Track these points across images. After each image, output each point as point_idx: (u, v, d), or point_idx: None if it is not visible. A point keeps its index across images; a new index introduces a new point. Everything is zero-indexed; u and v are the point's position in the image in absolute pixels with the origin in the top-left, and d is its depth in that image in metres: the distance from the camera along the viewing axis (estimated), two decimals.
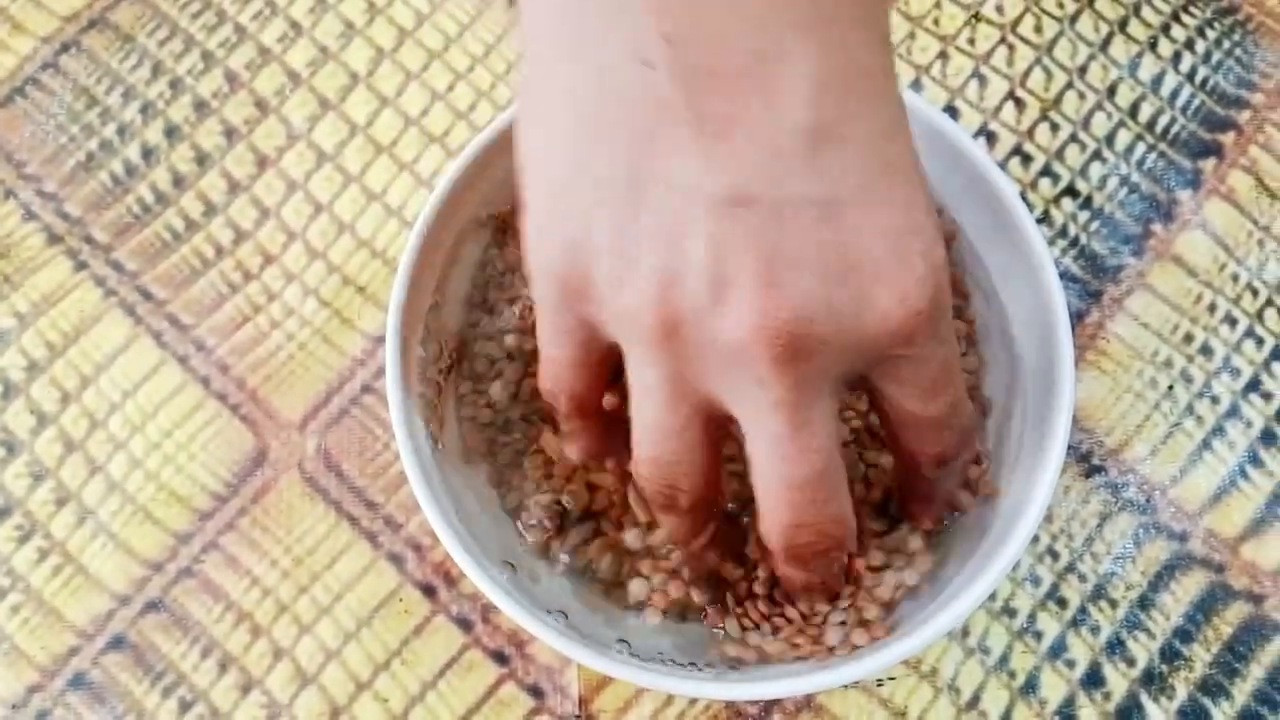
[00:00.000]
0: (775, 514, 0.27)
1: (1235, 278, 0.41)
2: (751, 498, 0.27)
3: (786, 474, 0.26)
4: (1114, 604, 0.37)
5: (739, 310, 0.22)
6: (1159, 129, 0.42)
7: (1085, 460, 0.39)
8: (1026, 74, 0.43)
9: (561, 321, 0.26)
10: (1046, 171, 0.42)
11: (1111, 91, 0.43)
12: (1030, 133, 0.42)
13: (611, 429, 0.30)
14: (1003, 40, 0.44)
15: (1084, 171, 0.42)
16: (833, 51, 0.21)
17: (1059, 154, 0.42)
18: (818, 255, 0.22)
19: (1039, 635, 0.37)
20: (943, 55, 0.43)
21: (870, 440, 0.34)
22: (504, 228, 0.37)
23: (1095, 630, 0.37)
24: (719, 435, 0.27)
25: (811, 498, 0.26)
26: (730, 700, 0.36)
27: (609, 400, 0.29)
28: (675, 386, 0.25)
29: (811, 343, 0.23)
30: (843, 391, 0.27)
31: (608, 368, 0.28)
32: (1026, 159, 0.42)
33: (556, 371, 0.28)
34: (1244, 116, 0.43)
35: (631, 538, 0.33)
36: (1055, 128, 0.42)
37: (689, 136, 0.22)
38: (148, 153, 0.42)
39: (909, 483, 0.32)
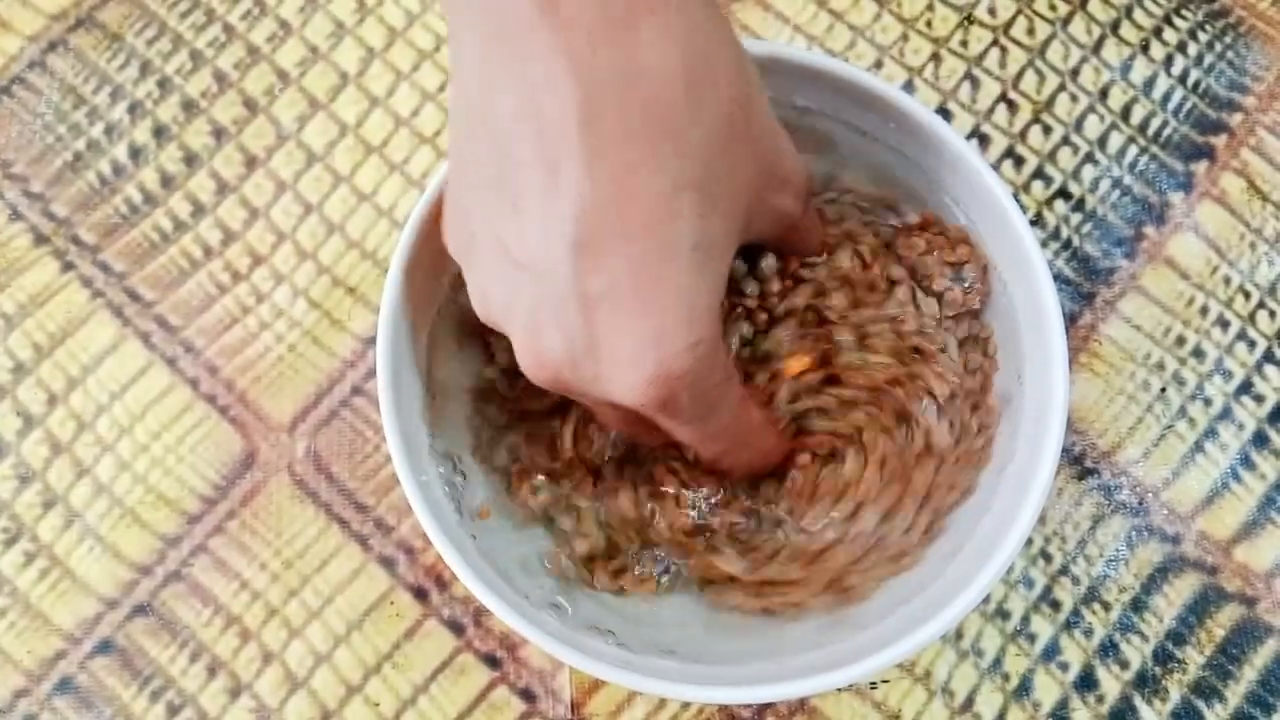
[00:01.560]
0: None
1: (1227, 280, 0.41)
2: None
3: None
4: (1107, 606, 0.37)
5: (516, 340, 0.28)
6: (1151, 131, 0.42)
7: (1078, 463, 0.39)
8: (1019, 76, 0.43)
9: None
10: (1039, 174, 0.42)
11: (1104, 94, 0.43)
12: (1023, 135, 0.42)
13: None
14: (995, 42, 0.43)
15: (1076, 174, 0.42)
16: (604, 178, 0.25)
17: (1051, 156, 0.42)
18: (569, 330, 0.26)
19: (1032, 638, 0.37)
20: (935, 57, 0.43)
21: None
22: None
23: (1088, 633, 0.37)
24: None
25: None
26: (723, 704, 0.36)
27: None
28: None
29: (559, 386, 0.28)
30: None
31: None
32: (1019, 161, 0.42)
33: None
34: (1235, 119, 0.43)
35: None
36: (1048, 130, 0.42)
37: (497, 200, 0.26)
38: (136, 153, 0.42)
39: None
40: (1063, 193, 0.42)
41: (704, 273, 0.27)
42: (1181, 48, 0.43)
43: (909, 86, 0.43)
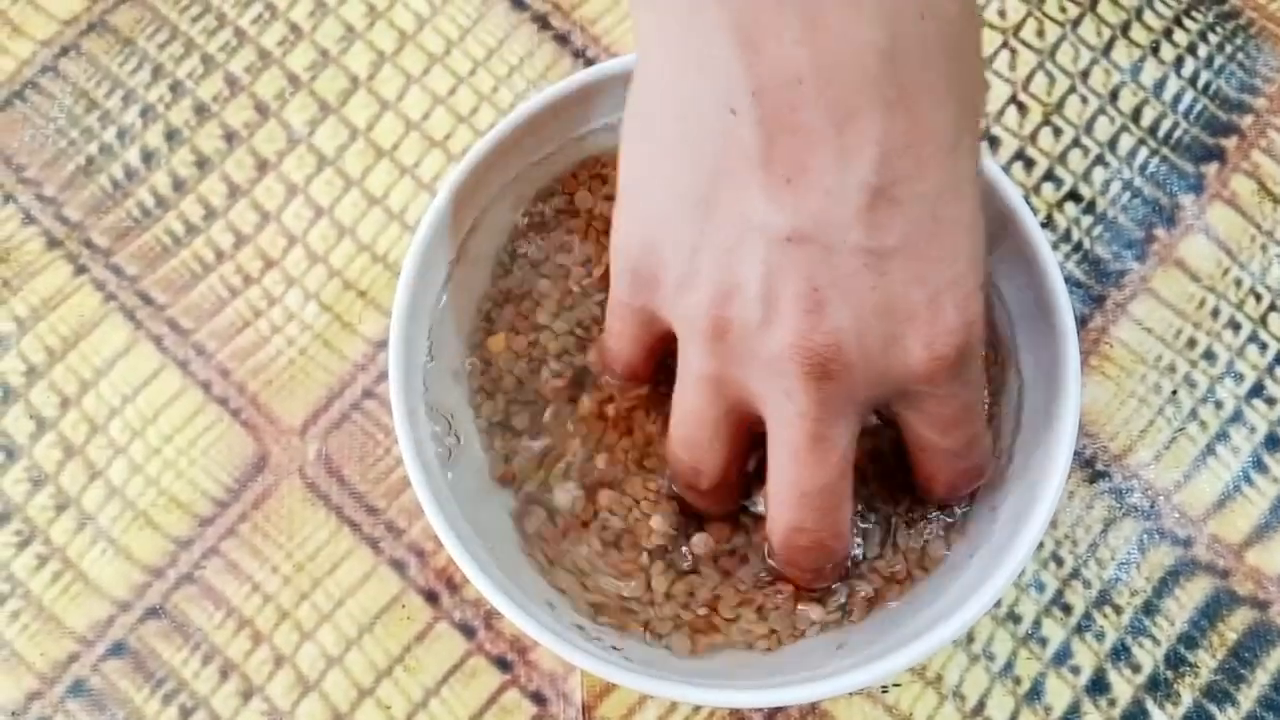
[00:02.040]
0: (781, 514, 0.30)
1: (1238, 282, 0.41)
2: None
3: (798, 480, 0.28)
4: (1119, 610, 0.37)
5: (781, 328, 0.26)
6: (1161, 133, 0.42)
7: (1089, 466, 0.39)
8: (1029, 78, 0.43)
9: (629, 302, 0.30)
10: (1049, 176, 0.42)
11: (1114, 96, 0.43)
12: (1033, 137, 0.42)
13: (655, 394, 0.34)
14: (1005, 44, 0.43)
15: (1087, 176, 0.42)
16: (902, 120, 0.24)
17: (1062, 158, 0.42)
18: (858, 294, 0.25)
19: (1044, 641, 0.37)
20: None
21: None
22: (523, 233, 0.37)
23: (1100, 636, 0.37)
24: (748, 435, 0.30)
25: (817, 505, 0.29)
26: (735, 707, 0.36)
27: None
28: (717, 381, 0.28)
29: (838, 367, 0.25)
30: (867, 417, 0.29)
31: (662, 346, 0.31)
32: (1029, 163, 0.42)
33: (617, 341, 0.32)
34: (1246, 121, 0.42)
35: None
36: (1058, 132, 0.42)
37: (759, 177, 0.24)
38: (148, 156, 0.42)
39: (923, 490, 0.34)
40: (1073, 195, 0.42)
41: (978, 203, 0.26)
42: (1192, 49, 0.43)
43: None
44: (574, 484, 0.34)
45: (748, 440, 0.30)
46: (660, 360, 0.33)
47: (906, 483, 0.34)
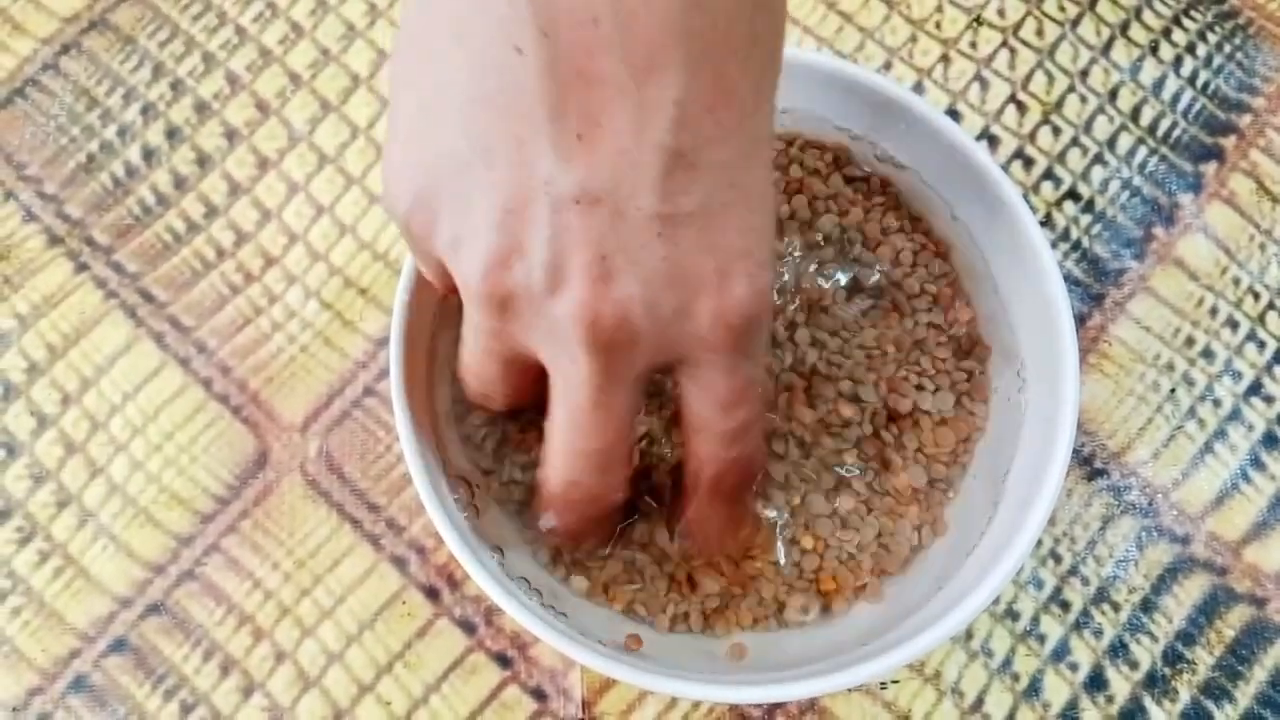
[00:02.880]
0: (557, 469, 0.30)
1: (1237, 281, 0.41)
2: None
3: (577, 440, 0.28)
4: (1116, 607, 0.37)
5: (566, 296, 0.24)
6: (1160, 133, 0.42)
7: (1087, 463, 0.39)
8: (1028, 77, 0.43)
9: (417, 249, 0.27)
10: (1048, 175, 0.42)
11: (1113, 95, 0.43)
12: (1032, 136, 0.42)
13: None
14: (1004, 44, 0.44)
15: (1085, 175, 0.42)
16: (705, 78, 0.22)
17: (1060, 157, 0.42)
18: (648, 264, 0.24)
19: (1042, 638, 0.37)
20: (944, 59, 0.43)
21: None
22: None
23: (1098, 633, 0.37)
24: (537, 371, 0.28)
25: (595, 465, 0.29)
26: (734, 703, 0.36)
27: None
28: (499, 336, 0.27)
29: (624, 337, 0.25)
30: (648, 378, 0.28)
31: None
32: (1028, 162, 0.42)
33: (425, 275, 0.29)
34: (1245, 120, 0.43)
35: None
36: (1057, 131, 0.42)
37: (547, 130, 0.22)
38: (148, 154, 0.42)
39: (685, 499, 0.32)
40: (1072, 194, 0.42)
41: (770, 171, 0.25)
42: (1190, 49, 0.43)
43: (918, 88, 0.43)
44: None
45: (539, 373, 0.29)
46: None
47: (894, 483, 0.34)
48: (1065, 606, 0.37)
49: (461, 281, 0.26)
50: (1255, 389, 0.40)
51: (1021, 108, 0.43)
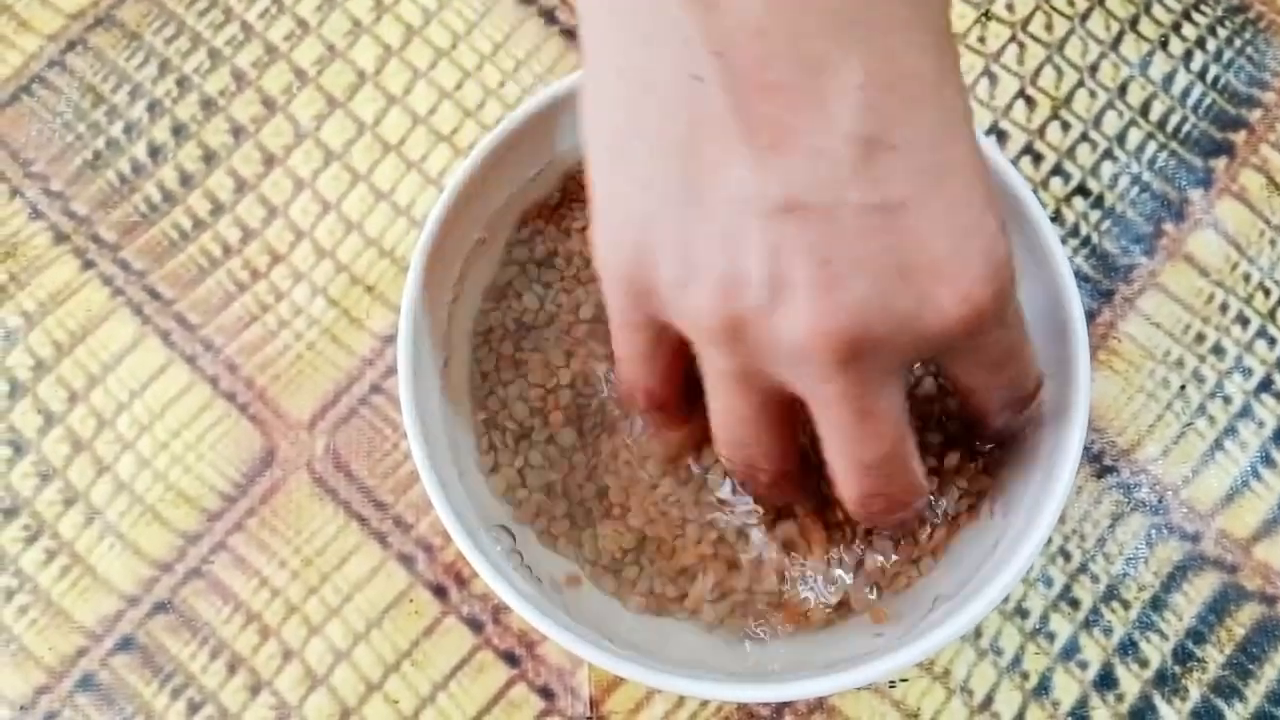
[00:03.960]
0: (849, 487, 0.28)
1: (1247, 277, 0.40)
2: None
3: (856, 456, 0.27)
4: (1126, 605, 0.37)
5: (796, 314, 0.23)
6: (1170, 128, 0.42)
7: (1097, 461, 0.39)
8: (1037, 72, 0.43)
9: (630, 320, 0.27)
10: (1057, 170, 0.42)
11: (1122, 90, 0.43)
12: (1041, 131, 0.42)
13: (694, 416, 0.31)
14: (1013, 38, 0.43)
15: (1095, 170, 0.42)
16: (879, 59, 0.22)
17: (1070, 153, 0.42)
18: (874, 258, 0.23)
19: (1051, 636, 0.37)
20: None
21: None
22: (525, 221, 0.37)
23: (1108, 631, 0.37)
24: (793, 414, 0.28)
25: (883, 473, 0.27)
26: (742, 702, 0.36)
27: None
28: (745, 377, 0.26)
29: (868, 344, 0.23)
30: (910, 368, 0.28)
31: (681, 360, 0.28)
32: (1037, 158, 0.42)
33: (630, 369, 0.29)
34: (1255, 115, 0.42)
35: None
36: (1066, 126, 0.42)
37: (740, 146, 0.22)
38: (155, 151, 0.42)
39: (977, 427, 0.33)
40: (1081, 189, 0.41)
41: (976, 142, 0.24)
42: (1200, 43, 0.43)
43: None
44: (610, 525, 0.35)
45: (796, 418, 0.28)
46: (685, 379, 0.29)
47: None
48: (1075, 604, 0.37)
49: (692, 325, 0.25)
50: (1266, 385, 0.39)
51: (1030, 103, 0.43)
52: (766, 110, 0.22)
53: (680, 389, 0.30)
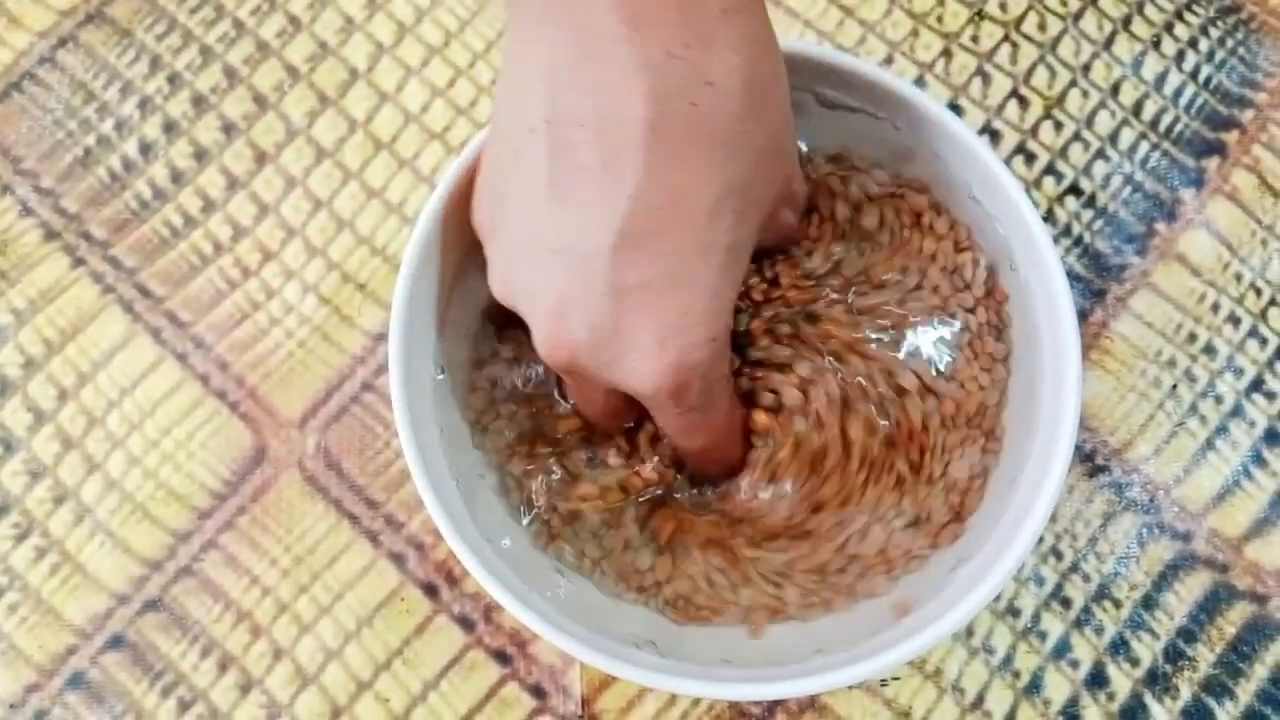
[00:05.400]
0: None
1: (1239, 277, 0.40)
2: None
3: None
4: (1118, 604, 0.37)
5: (537, 329, 0.29)
6: (1162, 127, 0.42)
7: (1089, 460, 0.39)
8: (1030, 72, 0.43)
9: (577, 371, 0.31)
10: (1050, 170, 0.42)
11: (1115, 90, 0.43)
12: (1034, 131, 0.42)
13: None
14: (1006, 38, 0.43)
15: (1087, 170, 0.42)
16: (658, 183, 0.27)
17: (1062, 152, 0.42)
18: (595, 317, 0.28)
19: (1043, 635, 0.37)
20: (946, 53, 0.43)
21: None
22: None
23: (1099, 630, 0.37)
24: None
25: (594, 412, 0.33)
26: (734, 700, 0.36)
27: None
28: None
29: (576, 370, 0.29)
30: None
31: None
32: (1030, 157, 0.42)
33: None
34: (1247, 115, 0.42)
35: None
36: (1059, 126, 0.42)
37: (544, 194, 0.27)
38: (146, 148, 0.42)
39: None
40: (1074, 189, 0.41)
41: (730, 272, 0.29)
42: (1193, 44, 0.43)
43: (920, 82, 0.43)
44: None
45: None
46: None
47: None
48: (1066, 604, 0.37)
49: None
50: (1257, 385, 0.39)
51: (1023, 102, 0.43)
52: (567, 176, 0.27)
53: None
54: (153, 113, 0.43)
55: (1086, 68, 0.43)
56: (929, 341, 0.35)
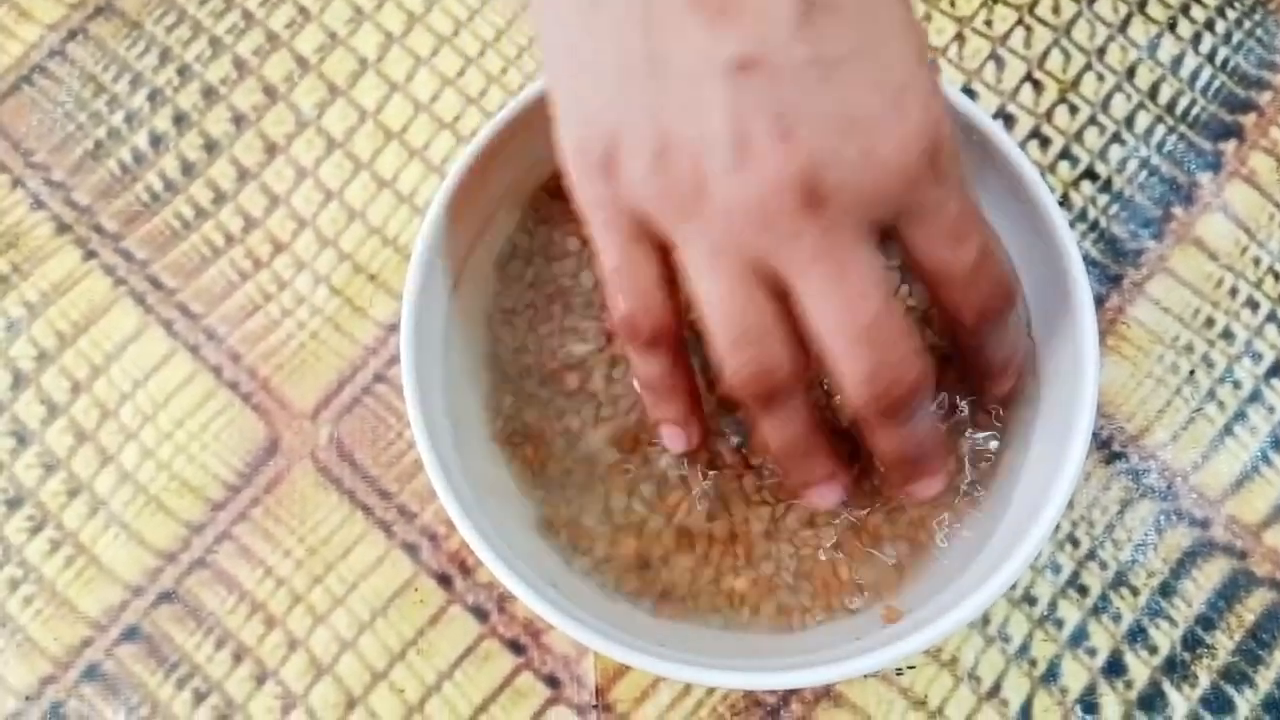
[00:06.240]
0: (850, 366, 0.27)
1: (1257, 261, 0.40)
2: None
3: (846, 322, 0.26)
4: (1135, 591, 0.37)
5: (759, 167, 0.25)
6: (1179, 111, 0.42)
7: (1106, 446, 0.38)
8: (1044, 55, 0.43)
9: (612, 221, 0.28)
10: (1065, 154, 0.41)
11: (1131, 73, 0.42)
12: (1049, 115, 0.42)
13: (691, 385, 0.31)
14: (1020, 21, 0.43)
15: (1103, 154, 0.41)
16: None
17: (1078, 136, 0.42)
18: (820, 112, 0.24)
19: (1060, 623, 0.37)
20: (959, 37, 0.43)
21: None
22: (529, 208, 0.36)
23: (1116, 618, 0.37)
24: (788, 306, 0.27)
25: (878, 339, 0.26)
26: (749, 689, 0.35)
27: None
28: (728, 258, 0.26)
29: (828, 189, 0.25)
30: (881, 248, 0.27)
31: (673, 272, 0.28)
32: (1045, 142, 0.42)
33: (621, 278, 0.28)
34: (1265, 98, 0.42)
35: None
36: (1074, 110, 0.42)
37: (692, 17, 0.24)
38: (156, 140, 0.42)
39: (967, 357, 0.32)
40: (1089, 173, 0.41)
41: (910, 7, 0.26)
42: (1210, 25, 0.43)
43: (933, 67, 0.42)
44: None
45: (791, 313, 0.27)
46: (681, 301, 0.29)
47: None
48: (1083, 591, 0.37)
49: (672, 202, 0.26)
50: (1276, 370, 0.39)
51: (1038, 86, 0.42)
52: None
53: (679, 316, 0.29)
54: (163, 105, 0.42)
55: (1101, 51, 0.43)
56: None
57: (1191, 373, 0.39)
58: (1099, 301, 0.40)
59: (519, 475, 0.35)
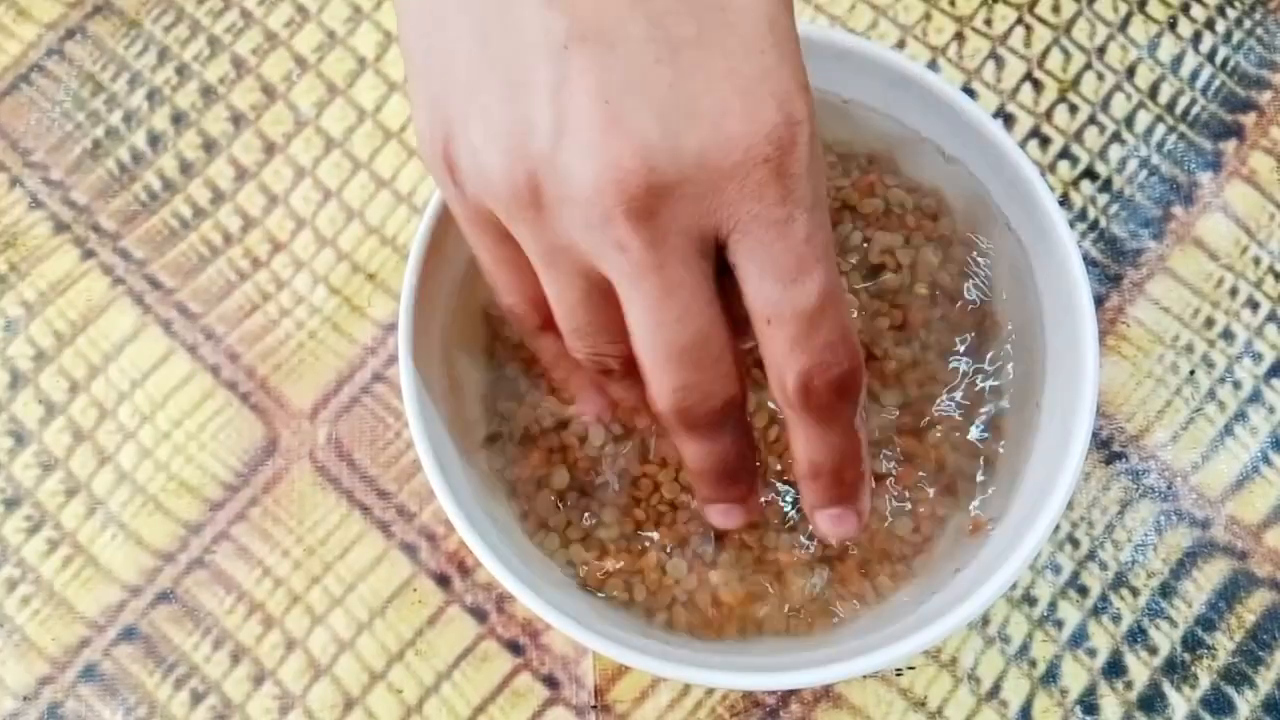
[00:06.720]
0: (662, 381, 0.25)
1: (1257, 261, 0.40)
2: None
3: (666, 339, 0.24)
4: (1135, 592, 0.37)
5: (581, 158, 0.22)
6: (1179, 110, 0.42)
7: (1106, 447, 0.38)
8: (1044, 55, 0.42)
9: (470, 216, 0.26)
10: (1065, 154, 0.41)
11: (1131, 72, 0.42)
12: (1048, 114, 0.42)
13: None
14: (1020, 21, 0.43)
15: (1103, 154, 0.41)
16: None
17: (1077, 136, 0.41)
18: (655, 96, 0.22)
19: (1059, 624, 0.37)
20: (959, 36, 0.43)
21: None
22: None
23: (1116, 618, 0.37)
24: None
25: (696, 359, 0.25)
26: (748, 690, 0.35)
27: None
28: (556, 254, 0.24)
29: (657, 190, 0.22)
30: (712, 256, 0.24)
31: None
32: (1045, 141, 0.41)
33: (498, 275, 0.27)
34: (1265, 97, 0.42)
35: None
36: (1074, 109, 0.42)
37: None
38: (155, 139, 0.42)
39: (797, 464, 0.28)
40: (1089, 173, 0.41)
41: (786, 8, 0.23)
42: (1210, 25, 0.43)
43: (933, 66, 0.42)
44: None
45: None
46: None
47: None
48: (1083, 591, 0.37)
49: (494, 196, 0.24)
50: (1276, 370, 0.39)
51: (1038, 85, 0.42)
52: None
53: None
54: (161, 104, 0.42)
55: (1101, 50, 0.42)
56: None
57: (1192, 373, 0.39)
58: (1099, 301, 0.40)
59: (518, 475, 0.35)
